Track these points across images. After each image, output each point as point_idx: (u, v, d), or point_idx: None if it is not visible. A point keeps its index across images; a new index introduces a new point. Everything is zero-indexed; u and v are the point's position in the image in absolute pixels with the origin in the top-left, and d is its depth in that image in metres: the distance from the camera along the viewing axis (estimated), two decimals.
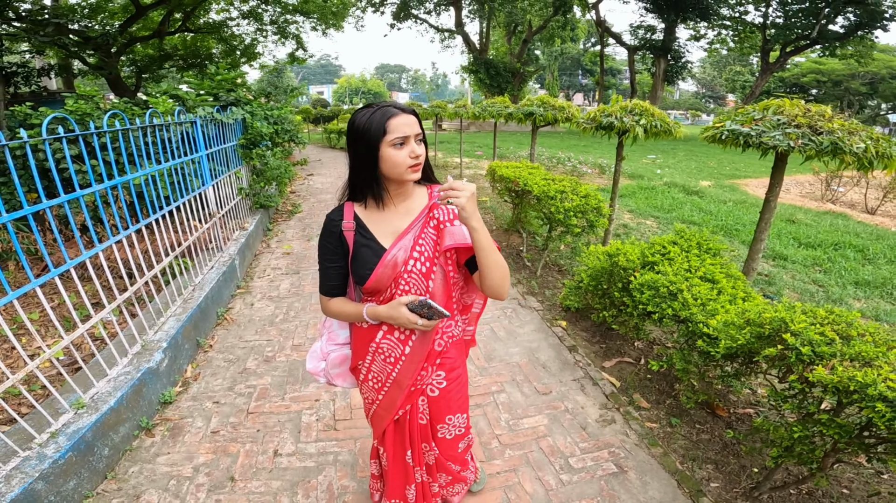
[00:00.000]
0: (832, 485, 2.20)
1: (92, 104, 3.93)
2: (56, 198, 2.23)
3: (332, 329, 1.65)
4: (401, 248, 1.34)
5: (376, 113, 1.25)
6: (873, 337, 1.78)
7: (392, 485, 1.66)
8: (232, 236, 4.87)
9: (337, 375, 1.65)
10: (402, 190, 1.37)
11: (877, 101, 38.23)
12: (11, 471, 1.82)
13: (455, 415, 1.60)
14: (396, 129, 1.23)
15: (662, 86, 28.18)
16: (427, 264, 1.35)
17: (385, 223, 1.37)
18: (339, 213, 1.39)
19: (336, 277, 1.43)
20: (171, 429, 2.58)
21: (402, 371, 1.47)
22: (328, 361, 1.63)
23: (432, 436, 1.61)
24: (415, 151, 1.26)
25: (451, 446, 1.65)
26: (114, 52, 11.61)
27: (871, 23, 22.26)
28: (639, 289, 2.79)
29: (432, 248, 1.36)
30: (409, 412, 1.55)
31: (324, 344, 1.66)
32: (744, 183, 11.22)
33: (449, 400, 1.57)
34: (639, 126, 4.09)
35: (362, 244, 1.36)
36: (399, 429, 1.58)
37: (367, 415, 1.66)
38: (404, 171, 1.27)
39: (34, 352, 2.88)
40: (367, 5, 26.51)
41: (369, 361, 1.51)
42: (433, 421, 1.59)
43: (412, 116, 1.27)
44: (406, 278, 1.35)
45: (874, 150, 2.68)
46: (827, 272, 5.22)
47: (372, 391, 1.55)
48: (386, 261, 1.33)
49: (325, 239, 1.41)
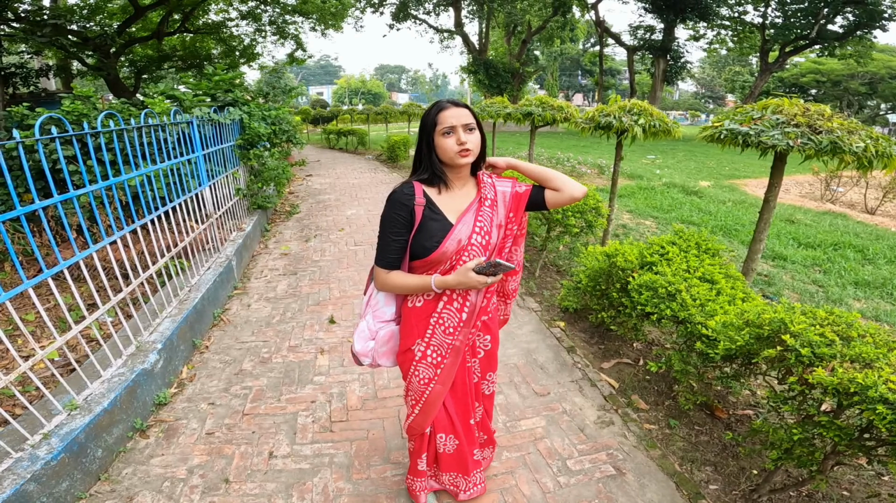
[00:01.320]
0: (832, 487, 2.19)
1: (89, 105, 3.91)
2: (50, 198, 2.21)
3: (378, 306, 1.72)
4: (465, 224, 1.52)
5: (433, 108, 1.49)
6: (874, 338, 1.76)
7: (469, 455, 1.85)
8: (229, 237, 4.85)
9: (383, 353, 1.75)
10: (459, 174, 1.55)
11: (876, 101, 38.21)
12: (3, 473, 1.81)
13: (493, 371, 1.88)
14: (444, 120, 1.44)
15: (662, 86, 28.18)
16: (486, 237, 1.53)
17: (450, 201, 1.55)
18: (410, 188, 1.52)
19: (398, 250, 1.54)
20: (166, 431, 2.56)
21: (461, 336, 1.64)
22: (377, 339, 1.71)
23: (480, 395, 1.87)
24: (461, 138, 1.44)
25: (489, 401, 1.95)
26: (112, 53, 11.57)
27: (870, 23, 22.26)
28: (637, 290, 2.78)
29: (490, 223, 1.54)
30: (466, 375, 1.74)
31: (370, 322, 1.72)
32: (743, 183, 11.21)
33: (491, 358, 1.83)
34: (637, 126, 4.07)
35: (431, 218, 1.51)
36: (458, 396, 1.75)
37: (411, 413, 1.77)
38: (453, 155, 1.46)
39: (28, 352, 2.86)
40: (367, 6, 26.47)
41: (429, 335, 1.64)
42: (480, 378, 1.83)
43: (462, 109, 1.46)
44: (468, 250, 1.51)
45: (874, 149, 2.67)
46: (826, 272, 5.20)
47: (430, 368, 1.66)
48: (453, 235, 1.50)
49: (394, 210, 1.51)
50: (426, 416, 1.73)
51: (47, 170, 2.20)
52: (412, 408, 1.76)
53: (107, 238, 2.62)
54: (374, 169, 11.93)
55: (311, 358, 3.27)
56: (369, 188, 9.30)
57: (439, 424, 1.77)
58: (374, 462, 2.33)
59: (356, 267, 4.96)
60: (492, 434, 2.04)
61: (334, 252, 5.45)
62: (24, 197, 3.70)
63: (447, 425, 1.77)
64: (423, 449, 1.83)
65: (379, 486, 2.19)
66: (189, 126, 4.11)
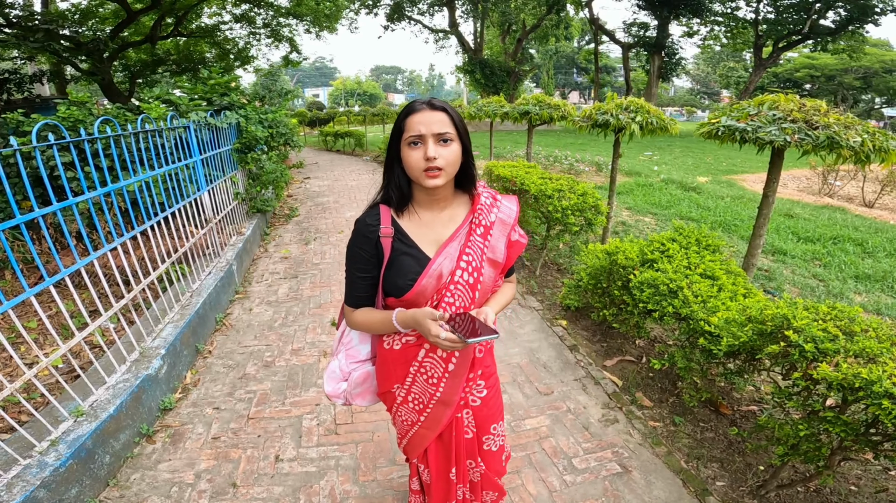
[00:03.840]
0: (840, 482, 2.19)
1: (84, 110, 3.89)
2: (49, 206, 2.21)
3: (352, 345, 1.50)
4: (446, 257, 1.23)
5: (405, 108, 1.17)
6: (876, 332, 1.77)
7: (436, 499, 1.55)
8: (229, 241, 4.84)
9: (358, 395, 1.51)
10: (436, 195, 1.23)
11: (871, 95, 38.35)
12: (13, 479, 1.83)
13: (497, 423, 1.53)
14: (411, 126, 1.13)
15: (657, 83, 28.23)
16: (475, 274, 1.24)
17: (427, 230, 1.26)
18: (374, 217, 1.25)
19: (366, 288, 1.30)
20: (172, 436, 2.56)
21: (446, 389, 1.35)
22: (350, 381, 1.48)
23: (478, 451, 1.52)
24: (428, 153, 1.11)
25: (496, 458, 1.56)
26: (106, 58, 11.53)
27: (862, 17, 22.35)
28: (639, 288, 2.78)
29: (480, 257, 1.25)
30: (454, 427, 1.44)
31: (342, 362, 1.50)
32: (741, 178, 11.23)
33: (490, 407, 1.48)
34: (634, 123, 4.08)
35: (402, 251, 1.23)
36: (442, 446, 1.47)
37: (400, 441, 1.54)
38: (419, 174, 1.15)
39: (32, 360, 2.86)
40: (361, 7, 26.43)
41: (409, 383, 1.38)
42: (479, 433, 1.49)
43: (437, 114, 1.13)
44: (452, 289, 1.22)
45: (871, 143, 2.68)
46: (827, 266, 5.22)
47: (412, 413, 1.42)
48: (431, 272, 1.21)
49: (357, 246, 1.26)
50: (412, 452, 1.52)
51: (45, 177, 2.20)
52: (399, 438, 1.55)
53: (107, 244, 2.62)
54: (373, 170, 11.92)
55: (315, 361, 3.26)
56: (368, 190, 9.29)
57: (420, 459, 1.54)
58: (380, 464, 2.34)
59: None
60: (501, 489, 1.64)
61: (334, 254, 5.45)
62: (23, 204, 3.69)
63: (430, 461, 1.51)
64: (414, 474, 1.66)
65: (385, 488, 2.19)
66: (186, 131, 4.10)
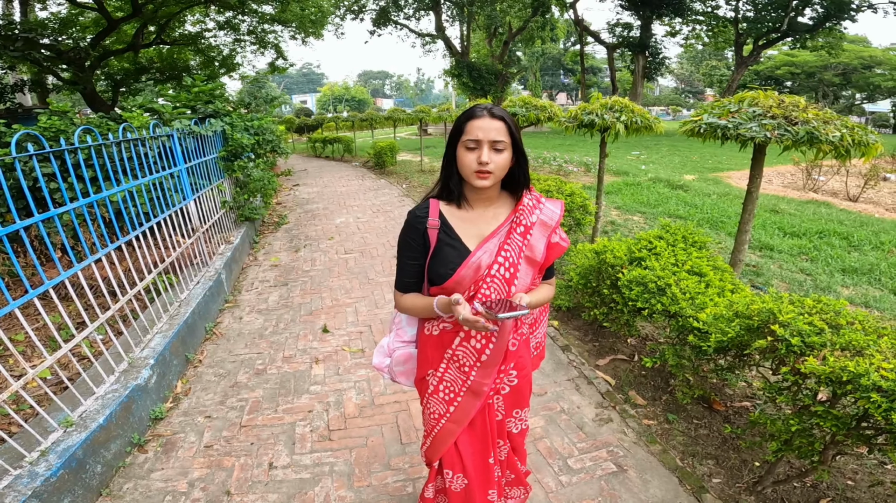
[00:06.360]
0: (836, 476, 2.21)
1: (66, 120, 3.84)
2: (31, 217, 2.17)
3: (401, 326, 1.60)
4: (486, 252, 1.32)
5: (465, 112, 1.27)
6: (862, 325, 1.79)
7: (479, 497, 1.57)
8: (217, 250, 4.79)
9: (400, 373, 1.62)
10: (483, 194, 1.35)
11: (851, 91, 38.99)
12: (4, 490, 1.81)
13: (522, 409, 1.62)
14: (470, 130, 1.24)
15: (642, 82, 28.50)
16: (511, 269, 1.33)
17: (471, 225, 1.37)
18: (424, 210, 1.37)
19: (414, 274, 1.42)
20: (164, 445, 2.53)
21: (477, 377, 1.43)
22: (393, 358, 1.60)
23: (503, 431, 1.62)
24: (482, 157, 1.23)
25: (518, 439, 1.67)
26: (88, 67, 11.37)
27: (839, 14, 22.74)
28: (627, 286, 2.80)
29: (517, 254, 1.34)
30: (487, 413, 1.52)
31: (391, 340, 1.62)
32: (727, 175, 11.36)
33: (518, 395, 1.58)
34: (619, 122, 4.11)
35: (446, 243, 1.34)
36: (475, 435, 1.54)
37: (424, 442, 1.61)
38: (470, 174, 1.27)
39: (20, 372, 2.81)
40: (347, 13, 26.40)
41: (443, 370, 1.47)
42: (505, 416, 1.59)
43: (496, 122, 1.24)
44: (488, 282, 1.32)
45: (850, 138, 2.72)
46: (813, 260, 5.29)
47: (441, 404, 1.50)
48: (469, 263, 1.31)
49: (407, 235, 1.39)
50: (435, 451, 1.58)
51: (26, 188, 2.16)
52: (425, 437, 1.63)
53: (91, 256, 2.58)
54: (362, 176, 11.90)
55: (306, 368, 3.24)
56: (357, 196, 9.27)
57: (448, 460, 1.57)
58: (374, 469, 2.32)
59: (347, 275, 4.93)
60: (521, 474, 1.75)
61: (325, 261, 5.42)
62: (6, 217, 3.62)
63: (456, 463, 1.56)
64: (433, 479, 1.68)
65: (381, 493, 2.18)
66: (170, 139, 4.06)
